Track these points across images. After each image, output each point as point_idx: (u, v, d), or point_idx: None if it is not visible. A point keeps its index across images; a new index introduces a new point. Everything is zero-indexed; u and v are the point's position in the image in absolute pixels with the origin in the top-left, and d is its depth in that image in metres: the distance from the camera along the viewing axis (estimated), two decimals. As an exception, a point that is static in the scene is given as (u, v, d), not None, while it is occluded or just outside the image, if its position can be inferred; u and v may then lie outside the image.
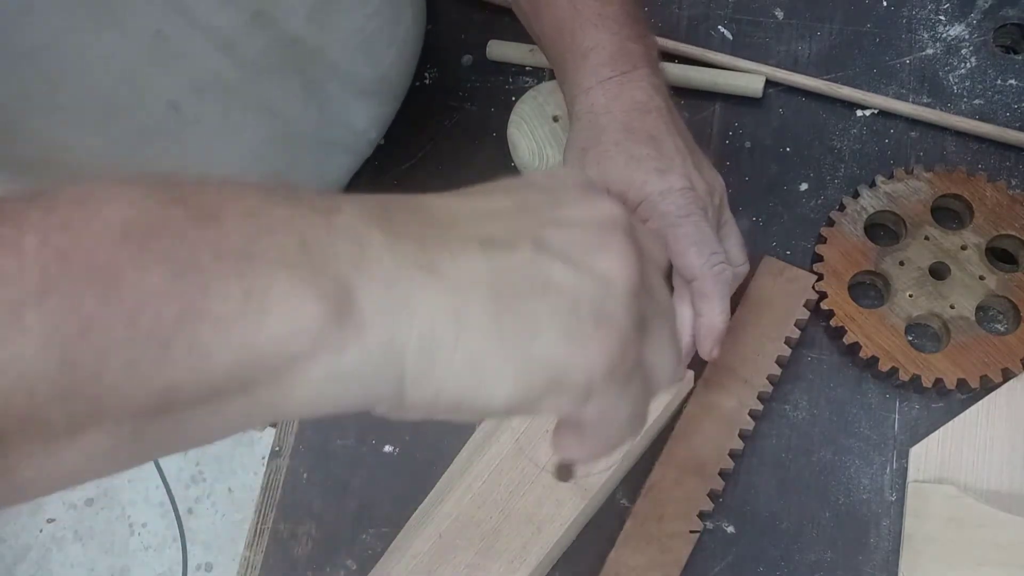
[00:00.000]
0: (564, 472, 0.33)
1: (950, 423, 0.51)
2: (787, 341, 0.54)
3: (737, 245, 0.48)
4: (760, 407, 0.53)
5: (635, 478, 0.53)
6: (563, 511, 0.48)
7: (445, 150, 0.63)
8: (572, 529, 0.50)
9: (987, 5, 0.59)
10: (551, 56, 0.51)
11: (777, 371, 0.53)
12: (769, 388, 0.53)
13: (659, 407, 0.51)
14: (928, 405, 0.52)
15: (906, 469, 0.51)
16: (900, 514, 0.50)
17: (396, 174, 0.63)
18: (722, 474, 0.52)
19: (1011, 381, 0.51)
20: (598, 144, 0.46)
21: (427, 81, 0.65)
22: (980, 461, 0.50)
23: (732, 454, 0.52)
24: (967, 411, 0.51)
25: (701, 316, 0.45)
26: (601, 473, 0.49)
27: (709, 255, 0.44)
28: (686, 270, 0.45)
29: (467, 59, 0.65)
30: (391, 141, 0.64)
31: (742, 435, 0.52)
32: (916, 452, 0.51)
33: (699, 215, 0.44)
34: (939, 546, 0.48)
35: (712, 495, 0.51)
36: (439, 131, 0.63)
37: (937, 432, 0.51)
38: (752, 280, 0.56)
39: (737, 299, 0.56)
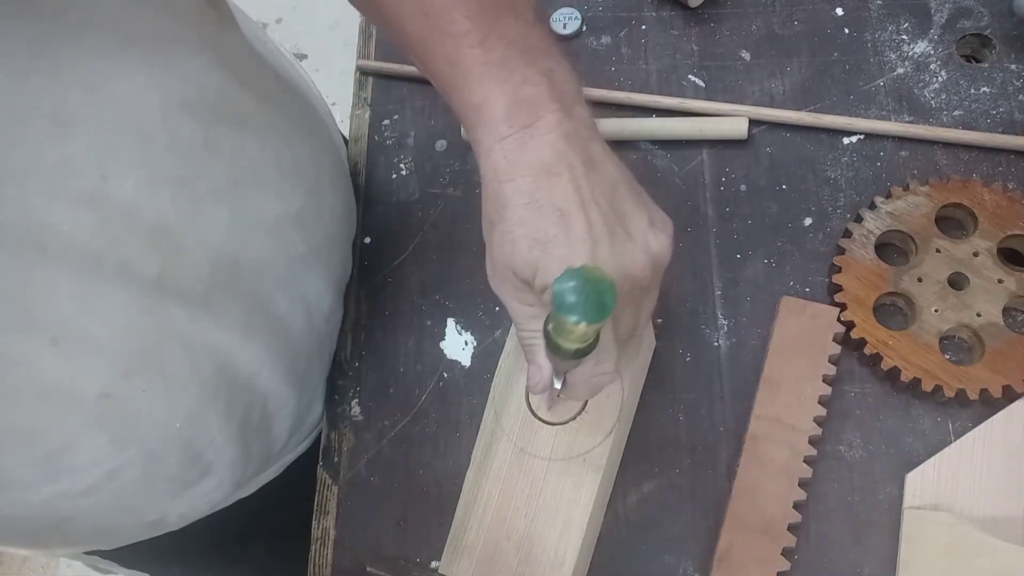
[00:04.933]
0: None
1: (946, 450, 0.51)
2: (825, 379, 0.52)
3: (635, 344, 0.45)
4: (814, 452, 0.51)
5: (701, 547, 0.51)
6: (583, 491, 0.49)
7: (433, 240, 0.61)
8: (598, 508, 0.50)
9: (943, 20, 0.61)
10: (452, 110, 0.45)
11: (822, 412, 0.52)
12: (818, 431, 0.52)
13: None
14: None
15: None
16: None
17: (389, 272, 0.60)
18: (791, 529, 0.49)
19: (1006, 408, 0.51)
20: (503, 221, 0.41)
21: (403, 172, 0.63)
22: (976, 488, 0.49)
23: (796, 506, 0.50)
24: (963, 438, 0.51)
25: (561, 394, 0.46)
26: (604, 441, 0.50)
27: (595, 365, 0.42)
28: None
29: (441, 144, 0.64)
30: (379, 240, 0.61)
31: (802, 484, 0.50)
32: (912, 478, 0.50)
33: None
34: (935, 573, 0.47)
35: (786, 553, 0.49)
36: (425, 220, 0.61)
37: (933, 458, 0.50)
38: (776, 324, 0.54)
39: (764, 346, 0.55)
